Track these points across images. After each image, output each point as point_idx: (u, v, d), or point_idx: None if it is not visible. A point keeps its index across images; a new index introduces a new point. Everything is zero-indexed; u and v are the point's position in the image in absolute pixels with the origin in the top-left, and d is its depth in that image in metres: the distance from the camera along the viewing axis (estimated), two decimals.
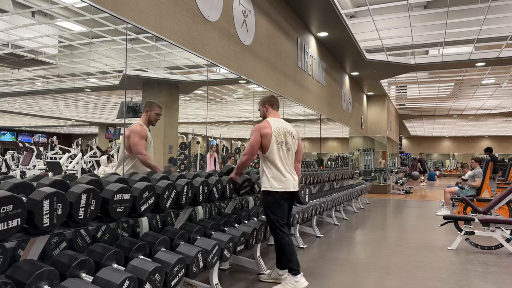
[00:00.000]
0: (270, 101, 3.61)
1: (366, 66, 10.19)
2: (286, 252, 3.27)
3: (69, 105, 13.86)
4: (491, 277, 3.80)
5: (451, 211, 7.88)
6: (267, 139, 3.33)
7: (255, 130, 3.38)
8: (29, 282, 1.74)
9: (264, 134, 3.34)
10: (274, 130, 3.36)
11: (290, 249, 3.27)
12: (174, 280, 2.36)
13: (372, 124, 14.44)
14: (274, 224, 3.31)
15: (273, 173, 3.32)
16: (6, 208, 1.68)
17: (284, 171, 3.33)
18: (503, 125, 23.68)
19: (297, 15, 6.99)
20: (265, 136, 3.34)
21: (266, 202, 3.36)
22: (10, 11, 5.53)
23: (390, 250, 4.85)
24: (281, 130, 3.41)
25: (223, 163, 11.20)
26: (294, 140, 3.51)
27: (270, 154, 3.33)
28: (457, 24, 7.59)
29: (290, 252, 3.26)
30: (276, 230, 3.32)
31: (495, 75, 11.52)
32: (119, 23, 4.97)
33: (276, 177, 3.31)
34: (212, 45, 4.45)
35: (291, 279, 3.23)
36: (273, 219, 3.31)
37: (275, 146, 3.33)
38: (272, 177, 3.31)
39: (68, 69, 8.75)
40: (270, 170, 3.33)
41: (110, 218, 2.22)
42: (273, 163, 3.32)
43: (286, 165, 3.38)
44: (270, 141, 3.33)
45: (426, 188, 16.43)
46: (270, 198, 3.33)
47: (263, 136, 3.34)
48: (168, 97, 7.28)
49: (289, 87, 6.76)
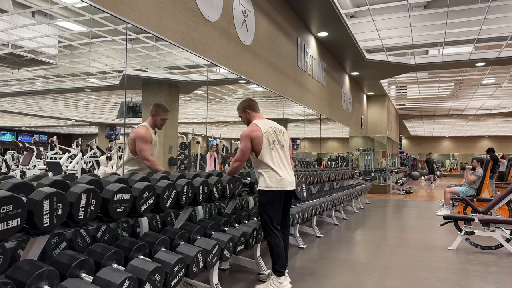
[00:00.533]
0: (250, 105, 3.54)
1: (366, 66, 10.20)
2: (273, 252, 3.26)
3: (69, 105, 13.86)
4: (491, 277, 3.80)
5: (451, 211, 7.88)
6: (258, 142, 3.28)
7: (244, 136, 3.32)
8: (29, 282, 1.74)
9: (254, 137, 3.29)
10: (264, 132, 3.31)
11: (278, 250, 3.25)
12: (174, 280, 2.36)
13: (372, 124, 14.44)
14: (267, 223, 3.28)
15: (268, 173, 3.28)
16: (6, 208, 1.67)
17: (279, 170, 3.29)
18: (503, 125, 23.69)
19: (297, 15, 6.99)
20: (256, 139, 3.28)
21: (261, 201, 3.33)
22: (10, 11, 5.52)
23: (390, 250, 4.85)
24: (271, 129, 3.37)
25: (223, 163, 11.20)
26: (285, 137, 3.48)
27: (262, 156, 3.29)
28: (457, 24, 7.59)
29: (277, 253, 3.24)
30: (267, 230, 3.29)
31: (495, 75, 11.53)
32: (119, 23, 4.97)
33: (272, 177, 3.27)
34: (212, 45, 4.45)
35: (275, 279, 3.22)
36: (265, 219, 3.28)
37: (267, 147, 3.29)
38: (268, 176, 3.27)
39: (68, 69, 8.75)
40: (264, 171, 3.30)
41: (110, 218, 2.21)
42: (267, 164, 3.29)
43: (282, 164, 3.34)
44: (262, 143, 3.28)
45: (426, 188, 16.44)
46: (265, 198, 3.29)
47: (253, 139, 3.28)
48: (168, 97, 7.27)
49: (289, 87, 6.76)
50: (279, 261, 3.24)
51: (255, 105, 3.56)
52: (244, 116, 3.55)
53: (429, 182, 18.63)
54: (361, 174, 13.79)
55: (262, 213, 3.32)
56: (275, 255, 3.25)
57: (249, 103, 3.54)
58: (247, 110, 3.52)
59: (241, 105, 3.56)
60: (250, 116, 3.52)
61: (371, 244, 5.23)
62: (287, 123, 13.71)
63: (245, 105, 3.54)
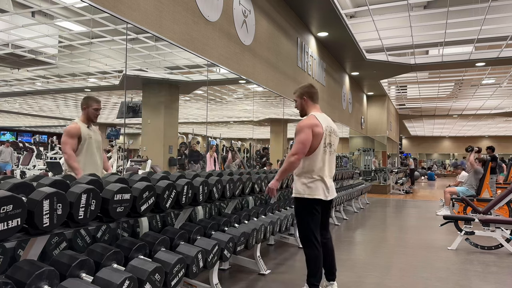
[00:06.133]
0: (309, 92, 3.05)
1: (366, 66, 10.20)
2: (311, 263, 2.95)
3: (69, 105, 13.86)
4: (491, 277, 3.80)
5: (451, 211, 7.88)
6: (317, 140, 2.88)
7: (306, 127, 2.87)
8: (29, 282, 1.74)
9: (316, 134, 2.87)
10: (325, 130, 2.91)
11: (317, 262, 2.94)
12: (174, 280, 2.36)
13: (372, 124, 14.44)
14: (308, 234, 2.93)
15: (313, 178, 2.91)
16: (6, 208, 1.67)
17: (325, 177, 2.94)
18: (503, 125, 23.70)
19: (297, 15, 6.99)
20: (316, 136, 2.87)
21: (299, 210, 2.97)
22: (10, 11, 5.53)
23: (390, 250, 4.85)
24: (328, 129, 2.97)
25: (223, 163, 11.20)
26: (337, 139, 3.12)
27: (314, 156, 2.90)
28: (457, 24, 7.59)
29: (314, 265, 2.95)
30: (308, 242, 2.94)
31: (495, 75, 11.53)
32: (119, 23, 4.97)
33: (315, 183, 2.91)
34: (212, 45, 4.45)
35: None
36: (305, 229, 2.94)
37: (321, 149, 2.91)
38: (311, 182, 2.91)
39: (68, 69, 8.76)
40: (309, 174, 2.92)
41: (110, 218, 2.21)
42: (315, 167, 2.91)
43: (329, 170, 2.99)
44: (320, 143, 2.89)
45: (426, 188, 16.43)
46: (304, 206, 2.93)
47: (315, 135, 2.87)
48: (168, 97, 7.28)
49: (289, 87, 6.76)
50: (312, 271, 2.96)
51: (315, 94, 3.09)
52: (300, 103, 3.10)
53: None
54: (361, 174, 13.79)
55: (303, 223, 2.97)
56: (313, 266, 2.93)
57: (309, 89, 3.07)
58: (304, 96, 3.06)
59: (299, 89, 3.11)
60: (307, 104, 3.06)
61: (371, 244, 5.23)
62: (287, 123, 13.72)
63: (304, 90, 3.07)
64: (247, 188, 3.76)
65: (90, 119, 3.59)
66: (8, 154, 11.19)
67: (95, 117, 3.60)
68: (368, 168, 14.96)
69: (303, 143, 2.86)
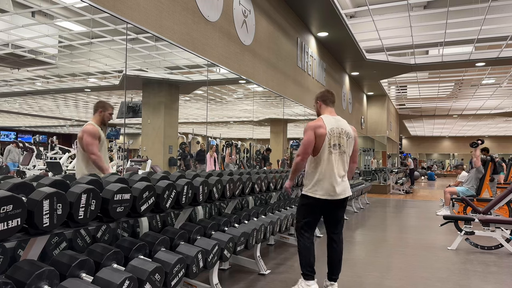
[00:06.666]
0: (322, 96, 3.28)
1: (366, 66, 10.20)
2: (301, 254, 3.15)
3: (69, 105, 13.86)
4: (491, 277, 3.80)
5: (451, 211, 7.88)
6: (320, 141, 3.04)
7: (309, 129, 3.07)
8: (29, 282, 1.74)
9: (319, 135, 3.04)
10: (329, 131, 3.05)
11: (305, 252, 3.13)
12: (174, 280, 2.36)
13: (372, 124, 14.44)
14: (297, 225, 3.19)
15: (318, 177, 3.06)
16: (6, 208, 1.67)
17: (330, 177, 3.05)
18: (503, 125, 23.70)
19: (297, 15, 6.99)
20: (319, 137, 3.04)
21: (300, 203, 3.21)
22: (10, 11, 5.53)
23: (390, 250, 4.85)
24: (336, 130, 3.09)
25: (223, 163, 11.20)
26: (350, 141, 3.18)
27: (319, 157, 3.06)
28: (457, 24, 7.60)
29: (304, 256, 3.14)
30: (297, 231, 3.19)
31: (495, 75, 11.53)
32: (119, 23, 4.97)
33: (319, 182, 3.05)
34: (212, 45, 4.45)
35: (302, 281, 3.12)
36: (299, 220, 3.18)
37: (326, 150, 3.04)
38: (317, 181, 3.06)
39: (68, 69, 8.75)
40: (315, 174, 3.07)
41: (110, 218, 2.21)
42: (320, 167, 3.06)
43: (337, 170, 3.07)
44: (323, 143, 3.04)
45: (426, 188, 16.43)
46: (306, 202, 3.13)
47: (318, 136, 3.04)
48: (168, 97, 7.28)
49: (289, 87, 6.76)
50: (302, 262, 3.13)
51: (329, 98, 3.29)
52: (316, 106, 3.35)
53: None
54: (361, 174, 13.79)
55: (299, 216, 3.21)
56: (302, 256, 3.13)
57: (322, 94, 3.31)
58: (318, 100, 3.30)
59: (317, 94, 3.37)
60: (320, 108, 3.29)
61: (371, 244, 5.23)
62: (287, 123, 13.72)
63: (318, 95, 3.33)
64: (247, 188, 3.76)
65: (104, 122, 3.71)
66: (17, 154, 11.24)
67: (109, 120, 3.74)
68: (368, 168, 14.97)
69: (304, 145, 3.09)
